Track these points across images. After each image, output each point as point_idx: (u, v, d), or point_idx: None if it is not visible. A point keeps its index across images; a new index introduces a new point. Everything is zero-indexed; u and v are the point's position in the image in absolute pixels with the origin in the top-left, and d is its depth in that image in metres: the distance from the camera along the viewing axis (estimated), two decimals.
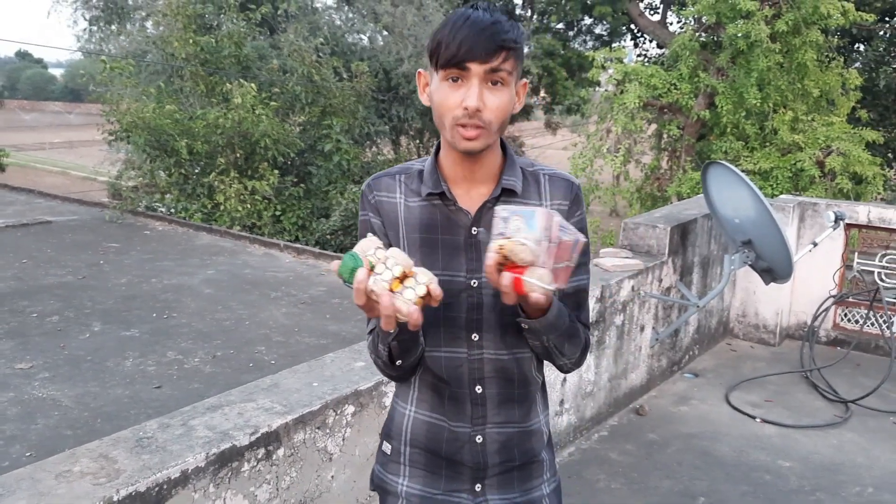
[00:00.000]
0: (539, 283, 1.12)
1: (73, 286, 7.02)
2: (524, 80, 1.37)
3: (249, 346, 5.65)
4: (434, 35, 1.29)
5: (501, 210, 1.18)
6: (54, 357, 5.26)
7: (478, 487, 1.41)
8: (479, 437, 1.39)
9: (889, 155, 14.33)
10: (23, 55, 66.48)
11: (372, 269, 1.12)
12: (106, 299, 6.64)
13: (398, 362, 1.32)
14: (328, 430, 2.31)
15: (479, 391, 1.38)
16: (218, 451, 1.97)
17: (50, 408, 4.48)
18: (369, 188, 1.41)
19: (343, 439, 2.37)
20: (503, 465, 1.41)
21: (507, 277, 1.14)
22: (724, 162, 4.04)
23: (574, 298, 1.42)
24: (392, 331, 1.21)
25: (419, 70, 1.39)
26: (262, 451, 2.10)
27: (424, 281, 1.12)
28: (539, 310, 1.25)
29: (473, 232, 1.34)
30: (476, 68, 1.24)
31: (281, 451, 2.16)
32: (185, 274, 7.56)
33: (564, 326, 1.32)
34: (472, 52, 1.23)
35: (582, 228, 1.38)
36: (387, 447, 1.48)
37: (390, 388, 2.51)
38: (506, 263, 1.14)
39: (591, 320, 3.68)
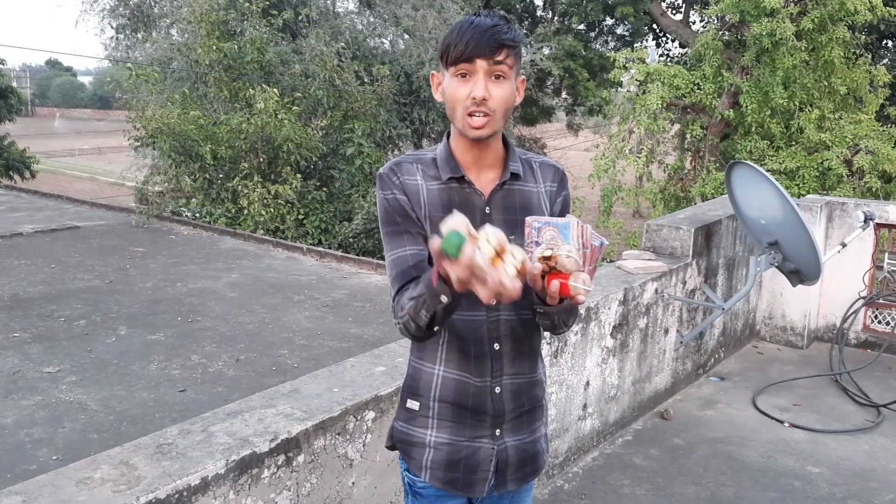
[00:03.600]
0: (584, 287, 1.28)
1: (100, 290, 7.11)
2: (522, 76, 1.57)
3: (272, 349, 5.67)
4: (444, 39, 1.50)
5: (533, 221, 1.35)
6: (81, 361, 5.33)
7: (497, 432, 1.59)
8: (497, 388, 1.57)
9: None
10: (53, 64, 67.69)
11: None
12: (132, 303, 6.71)
13: (435, 328, 1.42)
14: (348, 436, 2.30)
15: (497, 348, 1.56)
16: (238, 457, 1.97)
17: (76, 411, 4.53)
18: (392, 171, 1.55)
19: (363, 445, 2.36)
20: (516, 411, 1.61)
21: (555, 285, 1.30)
22: (748, 162, 3.97)
23: None
24: (446, 299, 1.32)
25: (433, 72, 1.62)
26: (282, 458, 2.09)
27: (519, 257, 1.21)
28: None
29: (487, 211, 1.53)
30: (481, 63, 1.44)
31: (301, 458, 2.15)
32: (210, 278, 7.62)
33: (569, 305, 1.46)
34: (477, 49, 1.44)
35: (566, 206, 1.63)
36: (413, 404, 1.61)
37: None
38: (549, 271, 1.28)
39: (613, 322, 3.65)
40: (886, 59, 15.78)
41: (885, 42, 15.83)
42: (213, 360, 5.40)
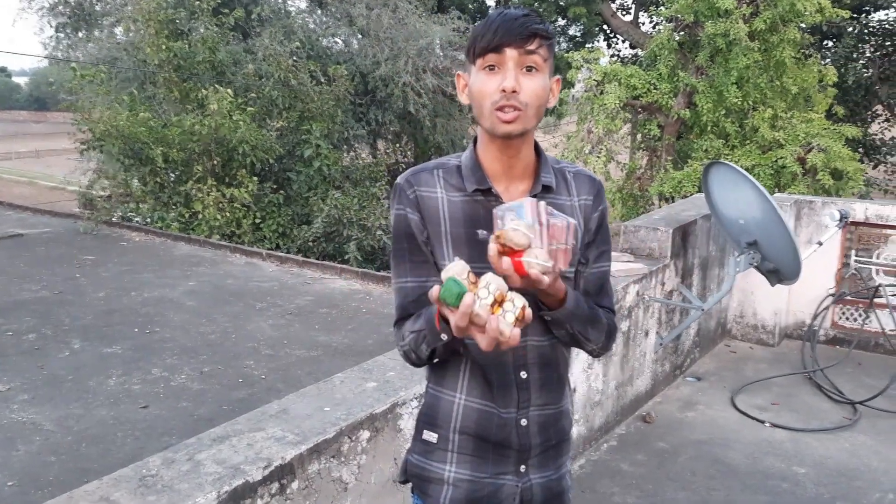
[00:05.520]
0: (536, 261, 1.21)
1: (49, 301, 6.76)
2: (557, 76, 1.43)
3: (237, 360, 5.45)
4: (471, 34, 1.38)
5: (497, 210, 1.28)
6: (33, 378, 5.03)
7: (522, 468, 1.47)
8: (523, 420, 1.45)
9: (860, 150, 14.50)
10: None
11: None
12: (84, 315, 6.40)
13: (436, 360, 1.40)
14: (343, 459, 2.16)
15: (524, 377, 1.44)
16: (230, 488, 1.82)
17: (31, 432, 4.26)
18: (408, 183, 1.43)
19: (358, 467, 2.22)
20: (543, 445, 1.48)
21: (506, 261, 1.21)
22: (727, 162, 3.96)
23: (597, 284, 1.51)
24: (446, 337, 1.30)
25: (458, 73, 1.45)
26: (275, 486, 1.95)
27: (520, 304, 1.19)
28: (557, 300, 1.34)
29: None
30: (511, 52, 1.32)
31: (295, 484, 2.01)
32: (166, 286, 7.33)
33: (585, 314, 1.40)
34: (507, 36, 1.31)
35: (604, 220, 1.51)
36: (430, 436, 1.49)
37: (406, 409, 2.37)
38: (506, 251, 1.22)
39: None
40: (828, 60, 16.22)
41: (825, 42, 16.26)
42: (176, 374, 5.16)
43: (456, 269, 1.19)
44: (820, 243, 4.40)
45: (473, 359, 1.43)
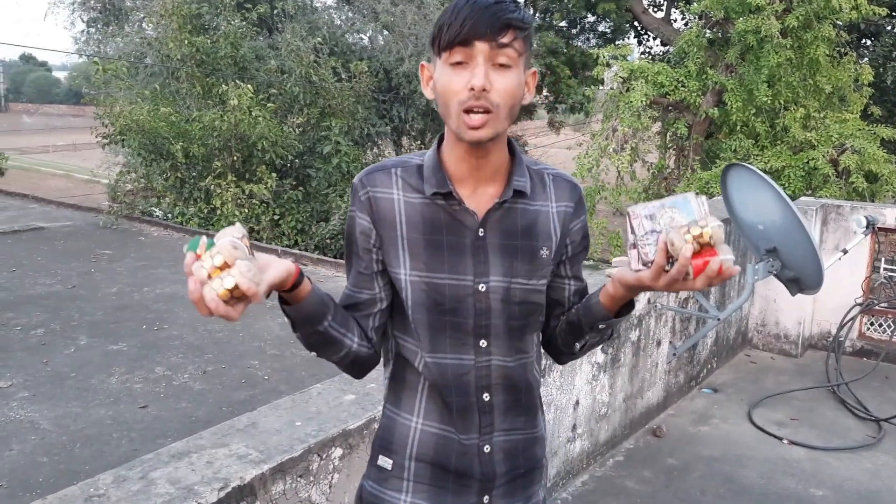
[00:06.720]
0: (732, 257, 1.10)
1: (61, 296, 6.76)
2: (533, 69, 1.28)
3: (242, 359, 5.37)
4: (436, 22, 1.22)
5: (639, 209, 1.15)
6: (36, 374, 5.00)
7: (486, 499, 1.34)
8: (486, 446, 1.33)
9: None
10: (27, 58, 66.41)
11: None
12: (95, 310, 6.37)
13: (313, 353, 1.30)
14: (312, 478, 2.03)
15: (487, 399, 1.32)
16: None
17: (27, 431, 4.20)
18: (361, 183, 1.30)
19: (330, 487, 2.09)
20: (509, 474, 1.36)
21: (716, 263, 1.08)
22: (746, 164, 3.75)
23: (580, 288, 1.41)
24: (208, 316, 1.09)
25: (422, 63, 1.31)
26: None
27: (234, 274, 1.01)
28: (629, 305, 1.27)
29: (480, 234, 1.27)
30: (481, 46, 1.17)
31: None
32: (179, 282, 7.28)
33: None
34: (476, 28, 1.16)
35: (584, 231, 1.38)
36: (385, 462, 1.37)
37: None
38: (699, 251, 1.11)
39: None
40: (866, 59, 15.74)
41: (863, 41, 15.77)
42: (179, 373, 5.09)
43: (232, 230, 1.04)
44: (845, 251, 4.17)
45: (431, 379, 1.30)
